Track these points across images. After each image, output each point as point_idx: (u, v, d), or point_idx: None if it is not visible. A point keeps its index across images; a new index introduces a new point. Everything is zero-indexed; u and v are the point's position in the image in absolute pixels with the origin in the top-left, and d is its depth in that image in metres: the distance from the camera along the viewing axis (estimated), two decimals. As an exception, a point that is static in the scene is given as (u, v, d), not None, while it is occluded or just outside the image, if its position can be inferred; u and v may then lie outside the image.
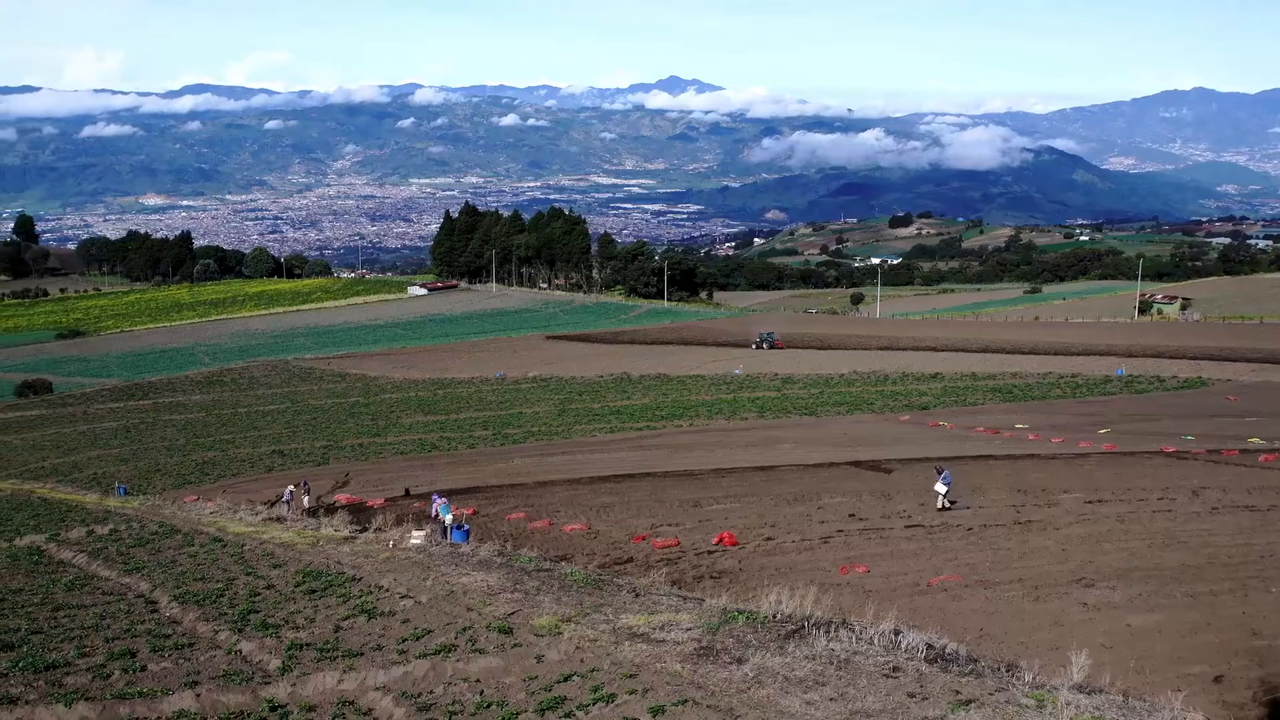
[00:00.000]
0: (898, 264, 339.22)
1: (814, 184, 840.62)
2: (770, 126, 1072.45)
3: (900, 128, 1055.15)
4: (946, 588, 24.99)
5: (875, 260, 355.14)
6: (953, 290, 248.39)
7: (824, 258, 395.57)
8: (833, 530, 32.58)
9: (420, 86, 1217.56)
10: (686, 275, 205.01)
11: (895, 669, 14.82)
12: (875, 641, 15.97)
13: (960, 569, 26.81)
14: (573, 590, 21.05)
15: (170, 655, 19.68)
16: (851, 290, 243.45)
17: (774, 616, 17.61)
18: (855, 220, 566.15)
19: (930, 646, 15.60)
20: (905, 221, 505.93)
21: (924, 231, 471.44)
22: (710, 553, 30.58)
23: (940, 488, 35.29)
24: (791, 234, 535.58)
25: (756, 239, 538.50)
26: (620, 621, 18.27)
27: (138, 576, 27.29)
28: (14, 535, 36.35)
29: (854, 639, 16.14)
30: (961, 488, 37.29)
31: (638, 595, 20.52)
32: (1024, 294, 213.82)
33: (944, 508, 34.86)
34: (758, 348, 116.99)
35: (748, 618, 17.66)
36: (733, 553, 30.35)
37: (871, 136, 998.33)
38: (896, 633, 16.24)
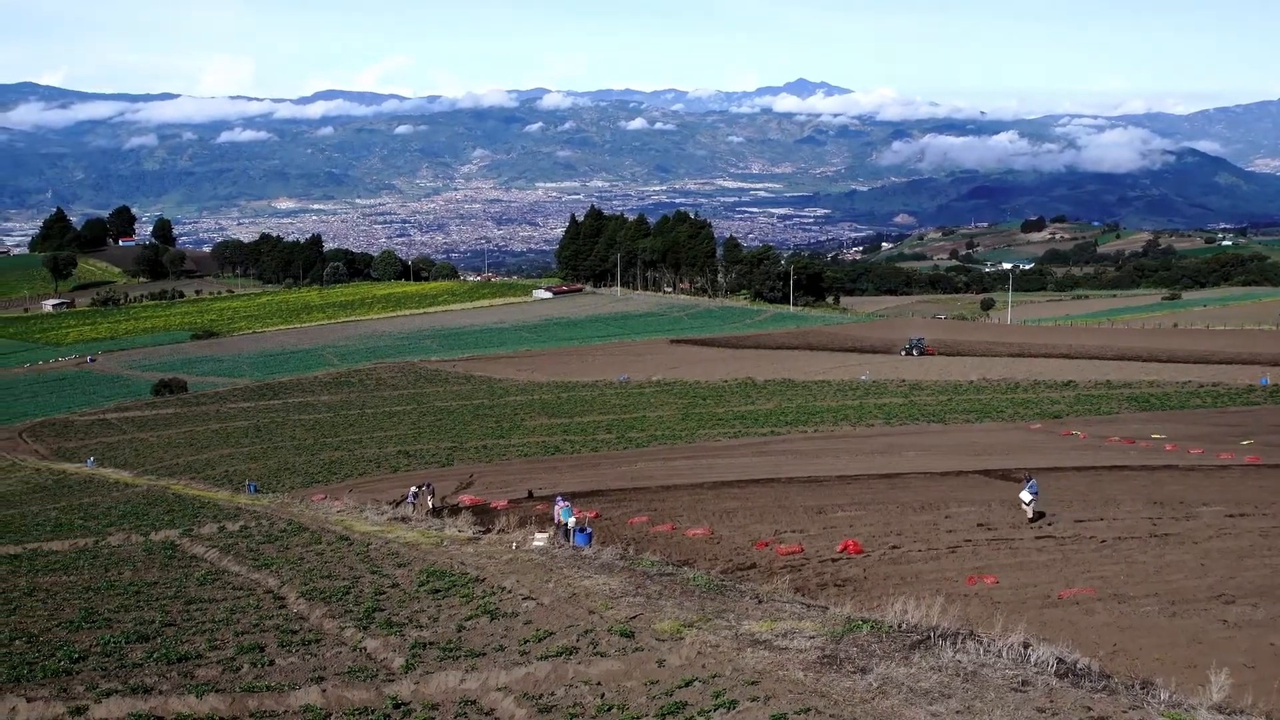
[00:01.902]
0: (1030, 269, 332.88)
1: (944, 187, 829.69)
2: (900, 129, 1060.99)
3: (1034, 130, 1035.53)
4: (1078, 601, 24.34)
5: (1006, 265, 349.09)
6: (1087, 296, 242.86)
7: (953, 262, 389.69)
8: (960, 540, 31.99)
9: (548, 91, 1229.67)
10: (813, 280, 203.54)
11: (1024, 683, 14.40)
12: (1003, 654, 15.54)
13: (1093, 582, 26.10)
14: (695, 595, 20.90)
15: (297, 650, 19.99)
16: (981, 295, 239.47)
17: (899, 626, 17.27)
18: (986, 224, 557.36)
19: (1061, 661, 15.15)
20: (1038, 225, 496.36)
21: (1057, 236, 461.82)
22: (834, 560, 30.22)
23: (1025, 496, 34.49)
24: (920, 238, 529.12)
25: (884, 243, 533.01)
26: (742, 628, 18.08)
27: (267, 572, 27.81)
28: (150, 530, 37.34)
29: (981, 651, 15.73)
30: (1094, 499, 36.34)
31: (760, 601, 20.29)
32: (1162, 300, 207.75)
33: (1032, 518, 34.05)
34: (907, 354, 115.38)
35: (872, 627, 17.34)
36: (857, 561, 29.96)
37: (1005, 139, 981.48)
38: (1026, 646, 15.81)
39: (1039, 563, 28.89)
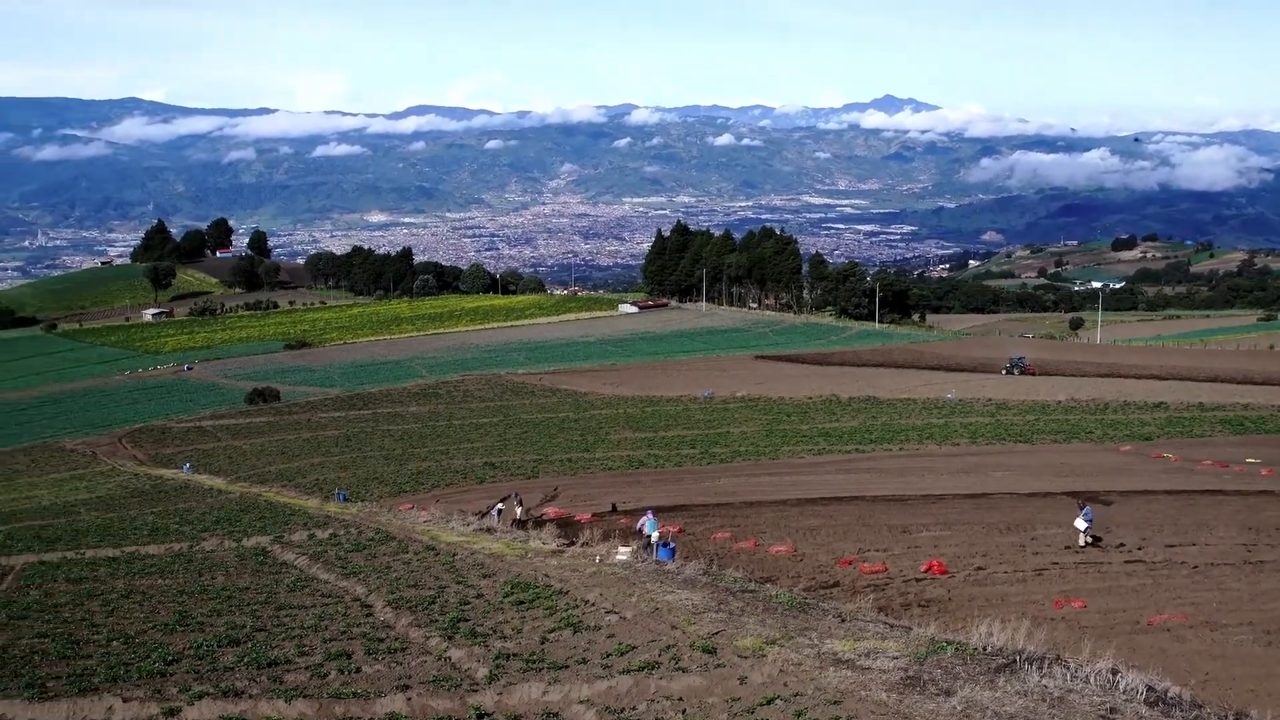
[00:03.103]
0: (1120, 288, 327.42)
1: (1033, 205, 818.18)
2: (988, 146, 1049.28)
3: (1126, 147, 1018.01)
4: (1169, 628, 23.97)
5: (1096, 284, 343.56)
6: (1179, 316, 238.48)
7: (1042, 281, 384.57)
8: (1047, 562, 31.62)
9: (636, 107, 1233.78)
10: (899, 297, 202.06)
11: (1112, 710, 14.23)
12: (1091, 680, 15.36)
13: (1184, 608, 25.67)
14: (777, 613, 20.88)
15: (383, 658, 20.29)
16: (1070, 315, 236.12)
17: (984, 649, 17.14)
18: (1075, 242, 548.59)
19: (1150, 689, 14.93)
20: (1129, 244, 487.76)
21: (1149, 255, 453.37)
22: (918, 580, 30.02)
23: (1080, 524, 33.94)
24: (1008, 256, 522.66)
25: (972, 261, 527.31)
26: (825, 646, 18.05)
27: (354, 580, 28.22)
28: (242, 535, 38.07)
29: (1068, 676, 15.56)
30: (1185, 524, 35.69)
31: (843, 620, 20.24)
32: (1258, 321, 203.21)
33: (1085, 545, 33.50)
34: (1008, 373, 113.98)
35: (956, 649, 17.23)
36: (942, 581, 29.74)
37: (1095, 156, 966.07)
38: (1114, 672, 15.61)
39: (1128, 587, 28.47)
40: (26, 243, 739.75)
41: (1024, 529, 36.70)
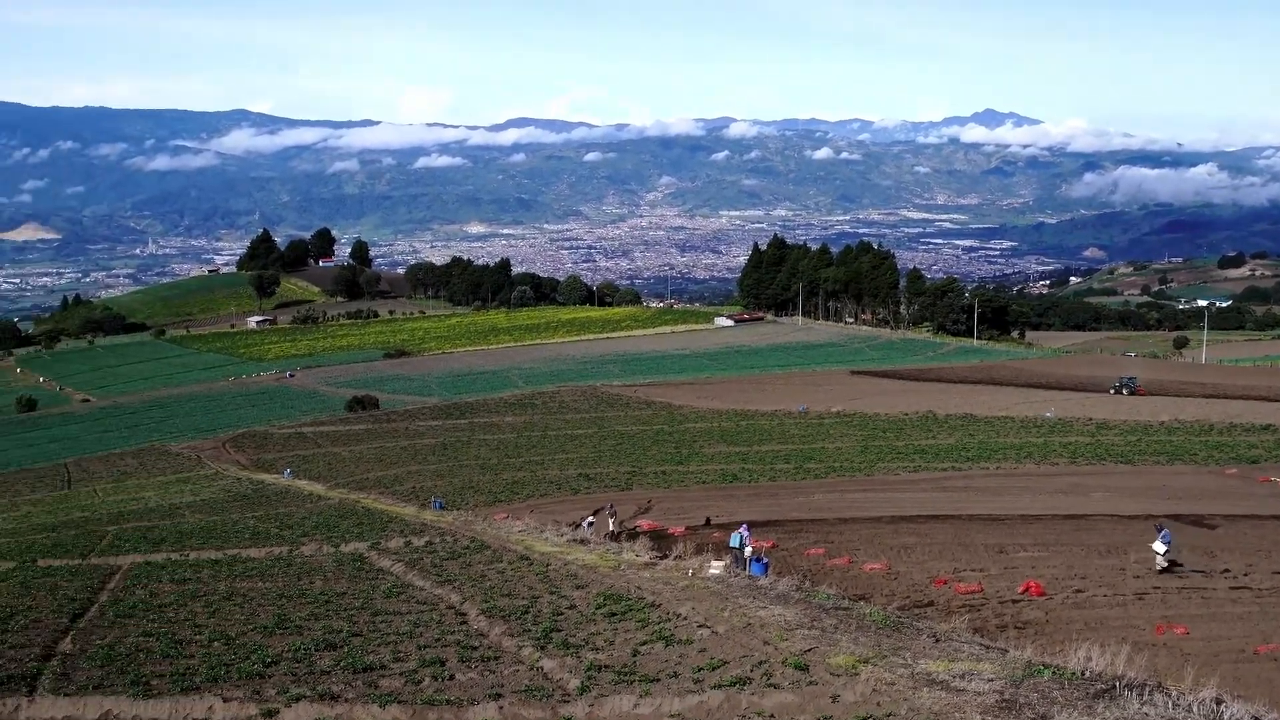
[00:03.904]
0: (1227, 306, 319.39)
1: (1136, 221, 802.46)
2: (1092, 161, 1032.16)
3: (1235, 162, 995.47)
4: (1277, 657, 23.37)
5: (1202, 302, 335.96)
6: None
7: (1145, 298, 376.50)
8: (1148, 586, 31.00)
9: (734, 120, 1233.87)
10: (997, 313, 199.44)
11: (1215, 740, 13.94)
12: (1194, 710, 15.03)
13: (1292, 637, 25.02)
14: (871, 631, 20.73)
15: (476, 666, 20.47)
16: (1174, 333, 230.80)
17: (1082, 674, 16.86)
18: (1180, 259, 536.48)
19: None
20: (1237, 262, 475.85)
21: (1258, 272, 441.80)
22: (1015, 602, 29.62)
23: (1159, 547, 33.06)
24: (1110, 273, 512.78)
25: (1072, 277, 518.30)
26: (919, 666, 17.88)
27: (449, 588, 28.49)
28: (340, 541, 38.65)
29: (1170, 705, 15.25)
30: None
31: (938, 640, 20.04)
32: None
33: (1164, 568, 32.66)
34: (1116, 392, 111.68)
35: (1054, 673, 16.97)
36: (1039, 603, 29.30)
37: (1203, 171, 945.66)
38: (1219, 702, 15.25)
39: (1233, 614, 27.82)
40: (138, 251, 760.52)
41: (1124, 551, 36.00)
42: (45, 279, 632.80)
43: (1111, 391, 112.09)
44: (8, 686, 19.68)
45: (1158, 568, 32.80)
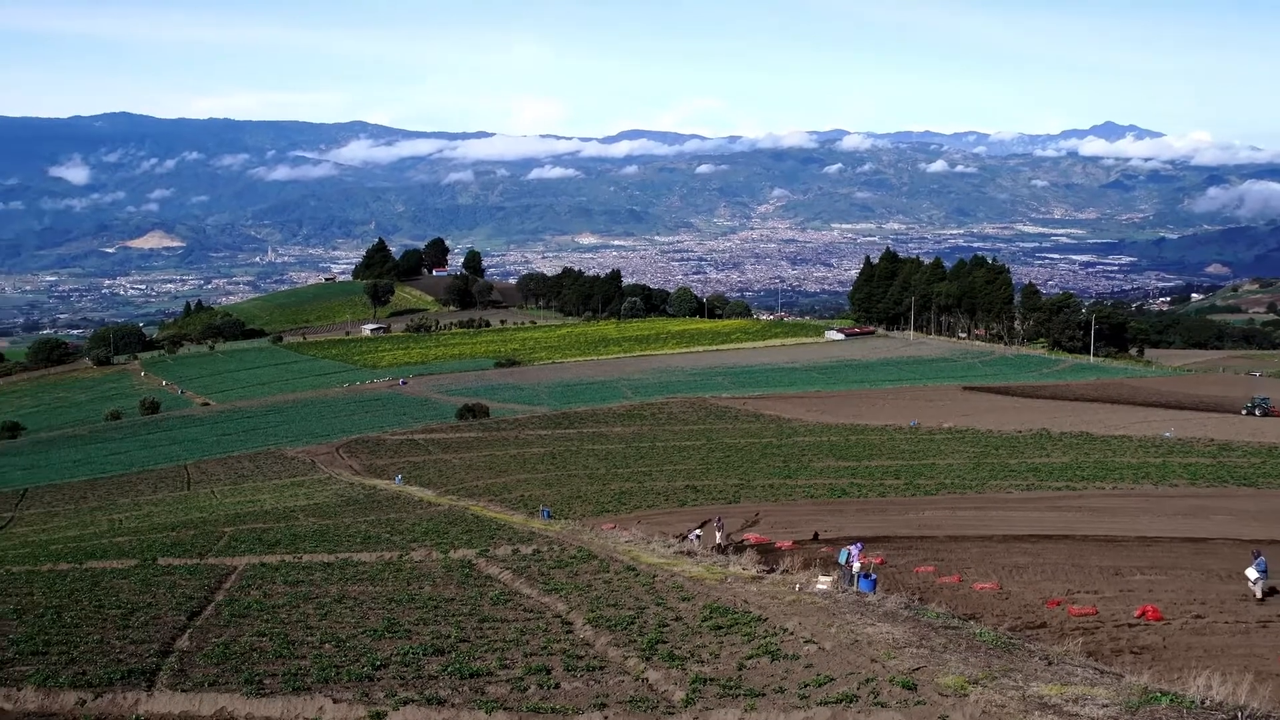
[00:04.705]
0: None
1: (1263, 236, 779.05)
2: (1216, 174, 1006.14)
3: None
4: None
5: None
6: None
7: (1271, 316, 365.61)
8: (1272, 614, 30.02)
9: (847, 133, 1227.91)
10: (1115, 330, 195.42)
11: (1342, 775, 13.44)
12: (1320, 743, 14.54)
13: None
14: (981, 651, 20.37)
15: (582, 676, 20.53)
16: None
17: (1202, 703, 16.37)
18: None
19: (1386, 755, 14.04)
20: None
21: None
22: (1131, 626, 28.90)
23: (1252, 574, 31.83)
24: (1234, 290, 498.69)
25: (1194, 294, 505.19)
26: (1030, 689, 17.52)
27: (556, 597, 28.62)
28: (449, 547, 39.05)
29: (1295, 738, 14.76)
30: None
31: (1050, 663, 19.62)
32: None
33: (1261, 597, 31.43)
34: (1249, 413, 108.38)
35: (1172, 700, 16.51)
36: (1156, 628, 28.56)
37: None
38: (1347, 737, 14.73)
39: (1362, 645, 26.84)
40: (257, 258, 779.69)
41: (1247, 577, 34.94)
42: (169, 285, 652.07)
43: (1244, 412, 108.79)
44: (128, 680, 20.23)
45: (1256, 596, 31.77)
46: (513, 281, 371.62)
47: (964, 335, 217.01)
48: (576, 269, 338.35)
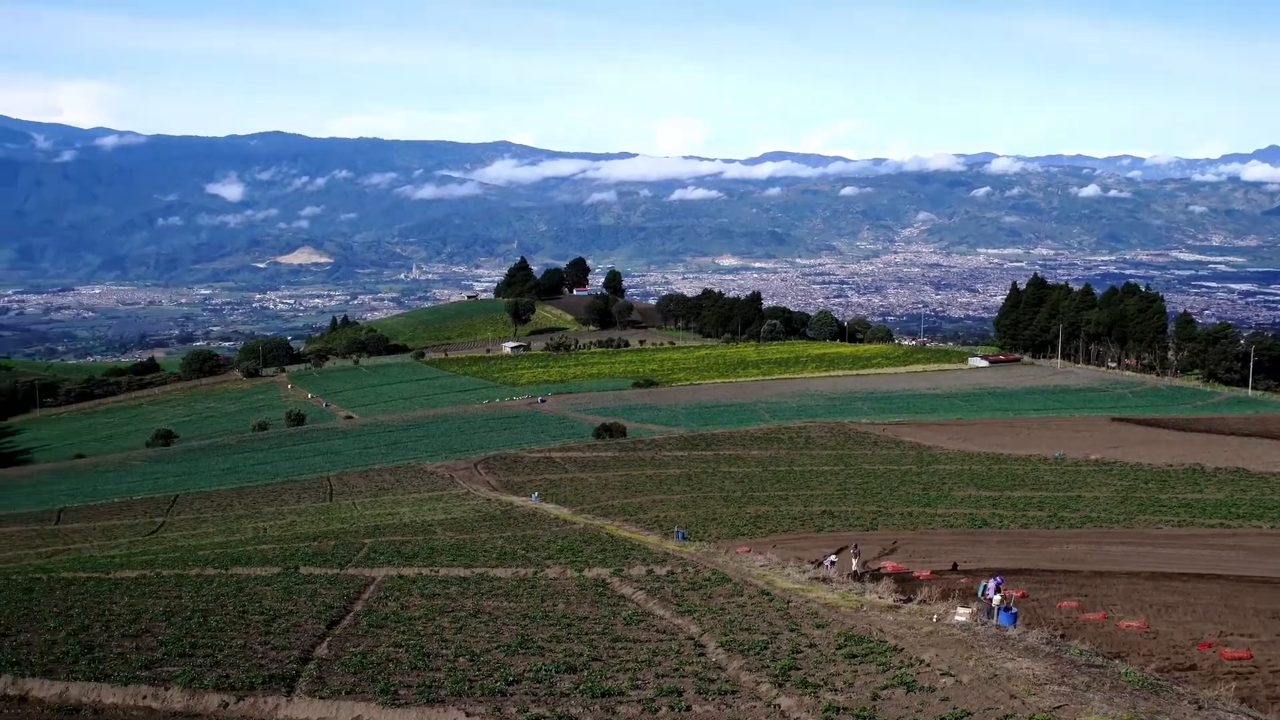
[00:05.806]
0: None
1: None
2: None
3: None
4: None
5: None
6: None
7: None
8: None
9: (996, 156, 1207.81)
10: (1276, 362, 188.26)
11: None
12: None
13: None
14: (1126, 692, 19.66)
15: (714, 699, 20.35)
16: None
17: (1365, 755, 15.54)
18: None
19: None
20: None
21: None
22: (1288, 672, 27.67)
23: None
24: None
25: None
26: (1179, 734, 16.84)
27: (689, 619, 28.48)
28: (583, 566, 39.19)
29: None
30: None
31: (1200, 708, 18.84)
32: None
33: None
34: None
35: (1332, 752, 15.70)
36: (1315, 675, 27.29)
37: None
38: None
39: None
40: (402, 275, 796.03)
41: None
42: (317, 300, 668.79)
43: None
44: (269, 685, 20.69)
45: None
46: (652, 302, 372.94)
47: (1114, 365, 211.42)
48: (716, 290, 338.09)
